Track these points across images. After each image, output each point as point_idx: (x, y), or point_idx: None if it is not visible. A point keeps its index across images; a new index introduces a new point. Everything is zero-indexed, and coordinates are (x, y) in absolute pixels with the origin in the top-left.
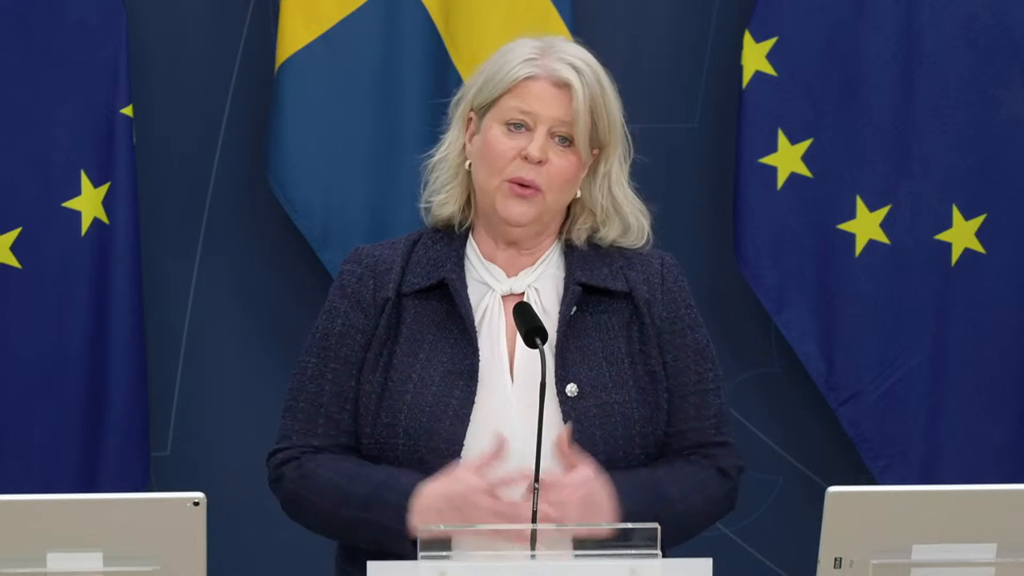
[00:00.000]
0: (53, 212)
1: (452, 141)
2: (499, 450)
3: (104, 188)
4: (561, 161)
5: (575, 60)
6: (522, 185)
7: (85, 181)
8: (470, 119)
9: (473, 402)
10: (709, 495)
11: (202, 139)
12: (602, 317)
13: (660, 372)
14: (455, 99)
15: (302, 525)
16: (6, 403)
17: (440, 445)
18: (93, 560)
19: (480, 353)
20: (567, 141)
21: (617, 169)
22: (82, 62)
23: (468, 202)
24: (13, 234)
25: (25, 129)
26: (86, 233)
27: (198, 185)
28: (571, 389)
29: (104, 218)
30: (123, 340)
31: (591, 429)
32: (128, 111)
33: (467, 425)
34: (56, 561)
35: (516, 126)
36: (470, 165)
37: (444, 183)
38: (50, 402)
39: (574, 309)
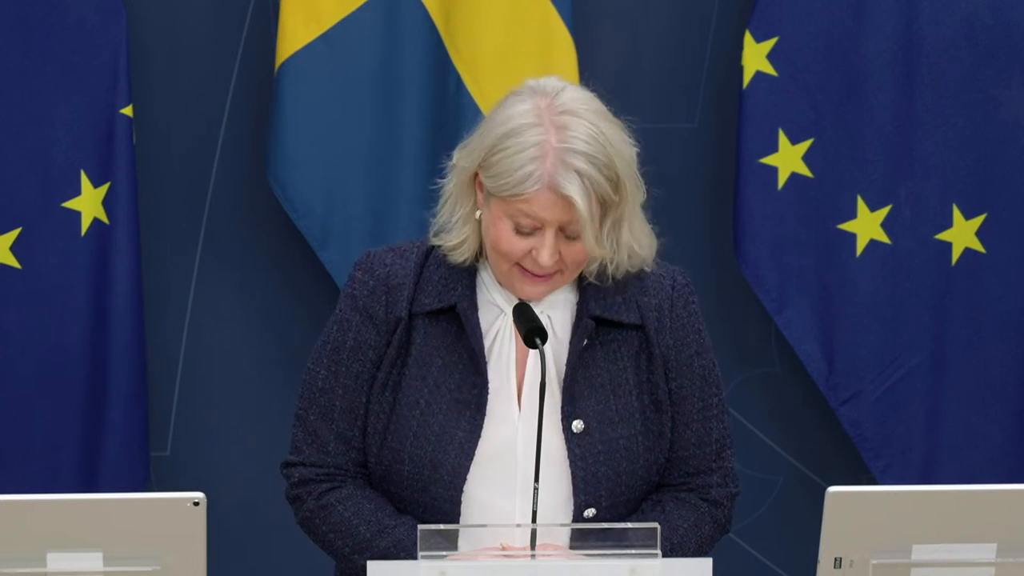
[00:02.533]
0: (53, 212)
1: (461, 197)
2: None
3: (104, 188)
4: (570, 250)
5: (577, 160)
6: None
7: (85, 181)
8: (477, 173)
9: (479, 436)
10: (702, 536)
11: (202, 139)
12: (612, 347)
13: (666, 402)
14: (460, 147)
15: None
16: (6, 403)
17: (444, 476)
18: (93, 560)
19: (489, 384)
20: (575, 233)
21: (627, 214)
22: (82, 62)
23: (482, 242)
24: (13, 234)
25: (25, 129)
26: (86, 233)
27: (198, 185)
28: (577, 426)
29: (104, 218)
30: (123, 340)
31: (595, 466)
32: (128, 111)
33: (472, 459)
34: (56, 561)
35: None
36: (480, 215)
37: (453, 229)
38: (50, 402)
39: (585, 341)
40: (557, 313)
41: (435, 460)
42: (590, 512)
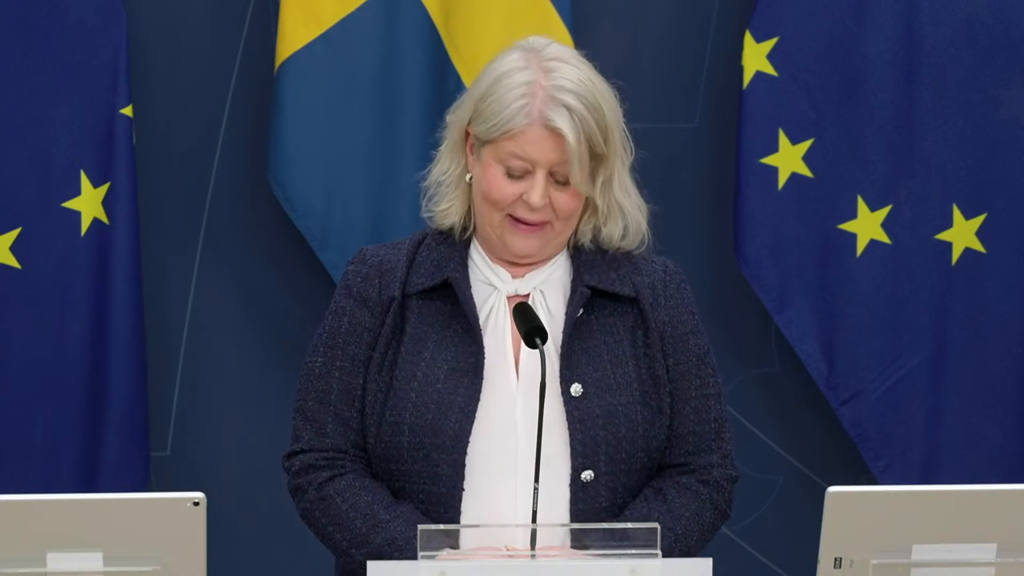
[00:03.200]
0: (53, 212)
1: (453, 156)
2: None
3: (104, 188)
4: (562, 196)
5: (567, 97)
6: (526, 223)
7: (85, 181)
8: (468, 132)
9: (478, 399)
10: (703, 523)
11: (202, 139)
12: (607, 320)
13: (663, 376)
14: (452, 109)
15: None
16: (6, 403)
17: (445, 442)
18: (93, 560)
19: (485, 351)
20: (565, 178)
21: (618, 171)
22: (82, 62)
23: (470, 210)
24: (13, 234)
25: (25, 129)
26: (86, 233)
27: (198, 185)
28: (575, 389)
29: (104, 218)
30: (123, 340)
31: (595, 430)
32: (128, 111)
33: (472, 422)
34: (56, 561)
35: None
36: (470, 178)
37: (445, 194)
38: (50, 402)
39: (580, 311)
40: (551, 288)
41: (436, 426)
42: (588, 475)
